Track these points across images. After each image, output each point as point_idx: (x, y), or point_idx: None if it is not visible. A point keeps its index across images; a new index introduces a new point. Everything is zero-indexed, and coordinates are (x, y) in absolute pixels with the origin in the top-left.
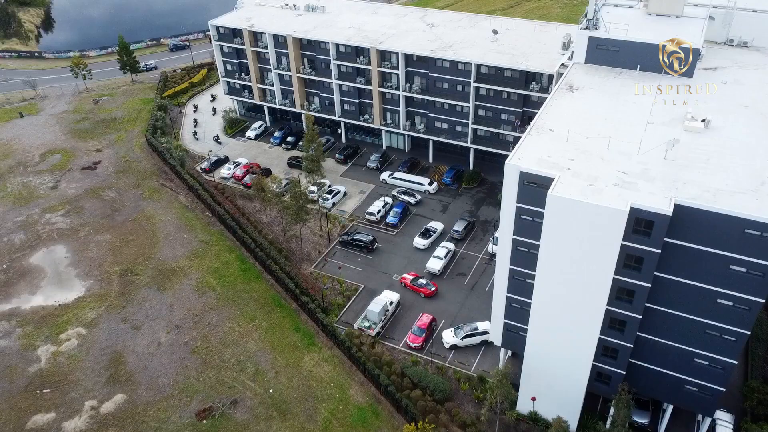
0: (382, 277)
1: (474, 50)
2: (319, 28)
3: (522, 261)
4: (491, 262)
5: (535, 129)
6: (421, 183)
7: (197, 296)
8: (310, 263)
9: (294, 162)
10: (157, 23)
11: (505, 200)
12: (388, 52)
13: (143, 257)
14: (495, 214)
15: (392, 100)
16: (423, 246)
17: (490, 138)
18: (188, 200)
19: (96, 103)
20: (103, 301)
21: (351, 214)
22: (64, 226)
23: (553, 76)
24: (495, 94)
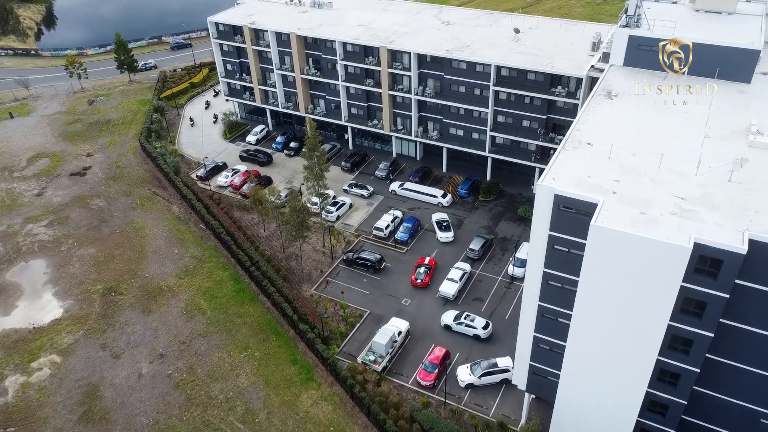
0: (390, 302)
1: (494, 50)
2: (326, 26)
3: (554, 297)
4: (511, 286)
5: (571, 142)
6: (434, 195)
7: (185, 320)
8: (311, 284)
9: (246, 155)
10: (168, 21)
11: (535, 227)
12: (399, 52)
13: (129, 274)
14: (515, 231)
15: (403, 105)
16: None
17: (510, 147)
18: (181, 211)
19: (91, 103)
20: (82, 324)
21: (357, 228)
22: (46, 237)
23: (581, 80)
24: (516, 99)
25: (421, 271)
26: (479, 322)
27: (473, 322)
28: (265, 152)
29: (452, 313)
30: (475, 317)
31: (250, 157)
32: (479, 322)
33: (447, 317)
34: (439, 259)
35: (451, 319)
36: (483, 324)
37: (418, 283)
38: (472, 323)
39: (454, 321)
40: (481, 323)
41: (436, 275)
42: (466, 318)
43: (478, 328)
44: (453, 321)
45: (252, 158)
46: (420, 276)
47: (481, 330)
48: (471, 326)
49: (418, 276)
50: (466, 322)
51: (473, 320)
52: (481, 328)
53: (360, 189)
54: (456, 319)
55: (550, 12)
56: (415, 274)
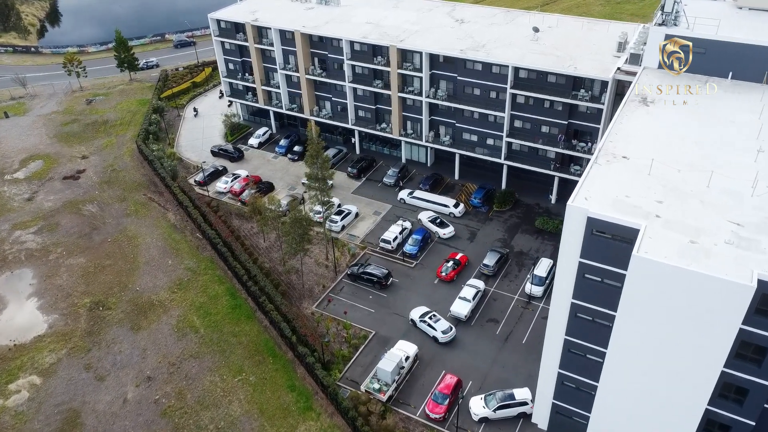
0: (397, 322)
1: (511, 51)
2: (332, 24)
3: (583, 332)
4: (529, 306)
5: (604, 155)
6: (445, 204)
7: (176, 339)
8: (312, 300)
9: (217, 150)
10: (180, 19)
11: (563, 252)
12: (410, 51)
13: (119, 287)
14: (532, 245)
15: (414, 107)
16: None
17: (528, 154)
18: (177, 218)
19: (89, 103)
20: (66, 341)
21: (363, 240)
22: (34, 245)
23: (607, 83)
24: (535, 103)
25: (449, 265)
26: (441, 325)
27: (436, 323)
28: (237, 148)
29: (421, 310)
30: (440, 318)
31: (221, 152)
32: (441, 325)
33: (415, 313)
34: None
35: (418, 315)
36: (444, 328)
37: (443, 276)
38: (434, 324)
39: (419, 318)
40: (443, 326)
41: (464, 272)
42: (431, 318)
43: (437, 330)
44: (419, 318)
45: (223, 154)
46: (446, 269)
47: (440, 333)
48: (432, 327)
49: (445, 269)
50: (429, 322)
51: (437, 321)
52: (441, 331)
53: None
54: (422, 317)
55: (567, 10)
56: (442, 266)
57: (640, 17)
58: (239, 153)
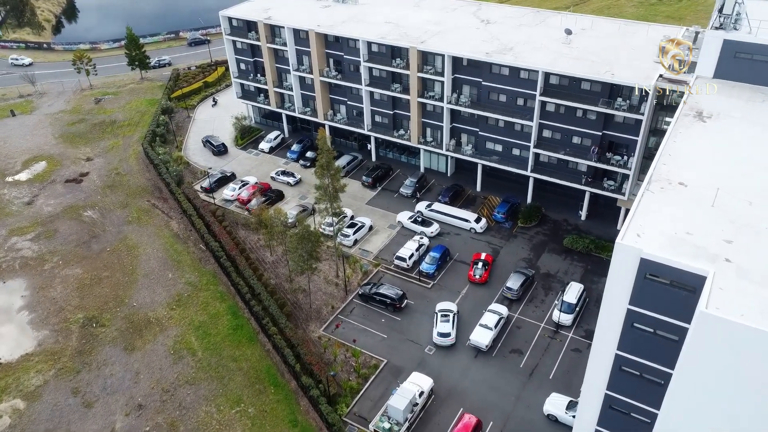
0: (411, 350)
1: (541, 54)
2: (349, 23)
3: (628, 387)
4: (557, 336)
5: (657, 180)
6: (466, 219)
7: (171, 362)
8: (320, 322)
9: (204, 141)
10: (205, 16)
11: (609, 297)
12: (431, 53)
13: (114, 302)
14: (560, 266)
15: (434, 114)
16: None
17: (557, 166)
18: (181, 227)
19: (97, 102)
20: (55, 361)
21: (376, 256)
22: (30, 253)
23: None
24: (567, 112)
25: (479, 266)
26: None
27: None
28: (222, 143)
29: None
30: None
31: (208, 144)
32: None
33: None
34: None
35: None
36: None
37: (477, 279)
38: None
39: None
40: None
41: (495, 272)
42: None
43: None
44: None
45: (209, 146)
46: (478, 271)
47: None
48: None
49: (476, 271)
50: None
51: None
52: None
53: (287, 176)
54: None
55: (598, 12)
56: (472, 269)
57: (675, 19)
58: (223, 148)
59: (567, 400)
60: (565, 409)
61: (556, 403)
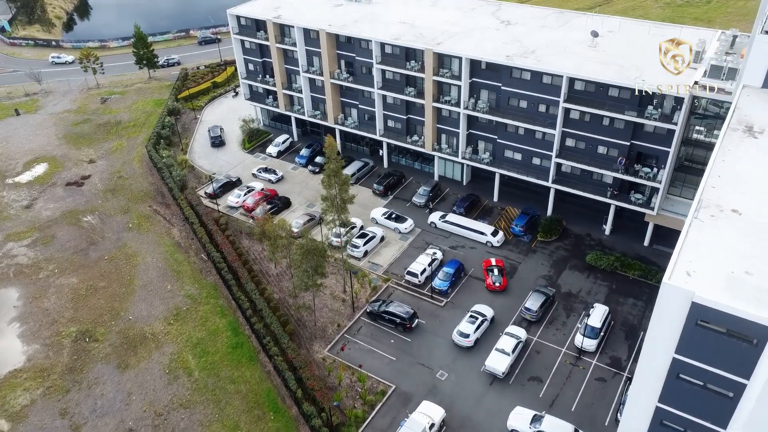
0: (422, 374)
1: (565, 58)
2: (362, 23)
3: None
4: (579, 363)
5: (707, 206)
6: (482, 232)
7: (166, 383)
8: (325, 342)
9: (208, 133)
10: (218, 15)
11: (652, 342)
12: (447, 56)
13: (110, 314)
14: (582, 285)
15: (450, 119)
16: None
17: (580, 177)
18: (182, 235)
19: (103, 102)
20: (44, 378)
21: (386, 270)
22: (25, 260)
23: (681, 100)
24: (592, 120)
25: (496, 273)
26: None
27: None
28: (219, 135)
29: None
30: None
31: (208, 132)
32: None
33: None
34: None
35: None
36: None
37: (497, 287)
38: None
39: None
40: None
41: (512, 285)
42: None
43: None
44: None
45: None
46: (497, 279)
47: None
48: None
49: (494, 279)
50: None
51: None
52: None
53: (268, 174)
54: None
55: (622, 13)
56: (490, 277)
57: (704, 22)
58: (218, 141)
59: (531, 414)
60: (529, 423)
61: (519, 417)
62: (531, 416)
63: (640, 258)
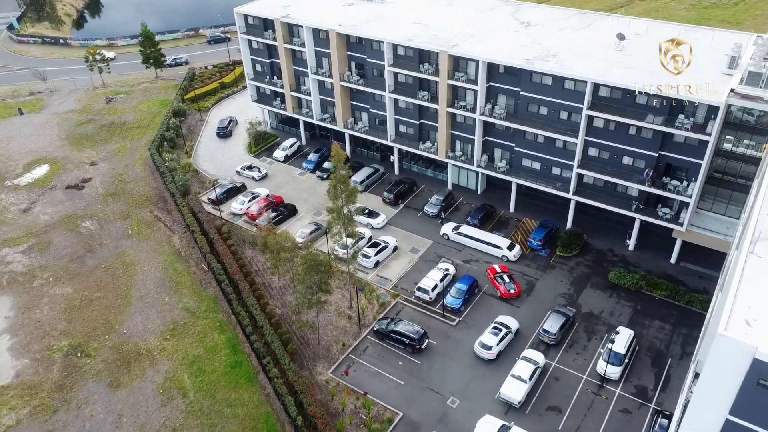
0: (432, 401)
1: (590, 62)
2: (373, 23)
3: None
4: (602, 392)
5: (764, 239)
6: (498, 246)
7: (159, 404)
8: (329, 363)
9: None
10: (228, 14)
11: (701, 400)
12: (463, 59)
13: (104, 328)
14: (605, 305)
15: (465, 126)
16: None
17: (603, 189)
18: (183, 244)
19: (108, 101)
20: (32, 397)
21: (396, 285)
22: (20, 268)
23: (716, 109)
24: (618, 128)
25: (507, 280)
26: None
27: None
28: (227, 126)
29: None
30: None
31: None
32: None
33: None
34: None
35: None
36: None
37: (512, 293)
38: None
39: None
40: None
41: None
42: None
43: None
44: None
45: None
46: (509, 286)
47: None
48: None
49: (508, 287)
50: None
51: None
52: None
53: (251, 171)
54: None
55: (645, 14)
56: (502, 285)
57: (732, 24)
58: (223, 132)
59: (499, 424)
60: None
61: (487, 427)
62: (499, 426)
63: (667, 276)
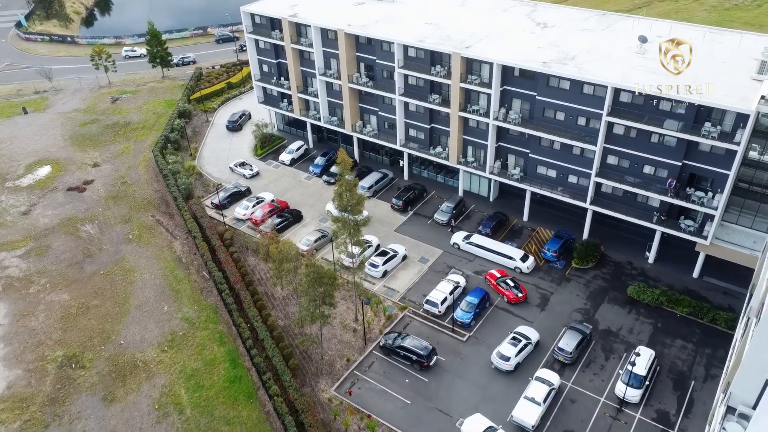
0: (440, 422)
1: (610, 66)
2: (383, 23)
3: None
4: (621, 417)
5: None
6: (511, 257)
7: (154, 421)
8: (332, 379)
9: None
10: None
11: None
12: (477, 61)
13: (100, 338)
14: (623, 322)
15: (477, 131)
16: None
17: (622, 199)
18: (185, 250)
19: (114, 101)
20: (23, 411)
21: (403, 297)
22: (17, 273)
23: (746, 117)
24: (639, 136)
25: (510, 284)
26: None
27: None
28: (237, 120)
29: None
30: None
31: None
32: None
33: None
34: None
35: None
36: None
37: (519, 297)
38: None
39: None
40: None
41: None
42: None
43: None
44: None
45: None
46: (515, 289)
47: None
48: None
49: (513, 291)
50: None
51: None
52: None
53: (243, 168)
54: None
55: (664, 16)
56: (508, 291)
57: (755, 26)
58: (232, 126)
59: (487, 425)
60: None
61: (474, 425)
62: (486, 426)
63: (689, 292)
